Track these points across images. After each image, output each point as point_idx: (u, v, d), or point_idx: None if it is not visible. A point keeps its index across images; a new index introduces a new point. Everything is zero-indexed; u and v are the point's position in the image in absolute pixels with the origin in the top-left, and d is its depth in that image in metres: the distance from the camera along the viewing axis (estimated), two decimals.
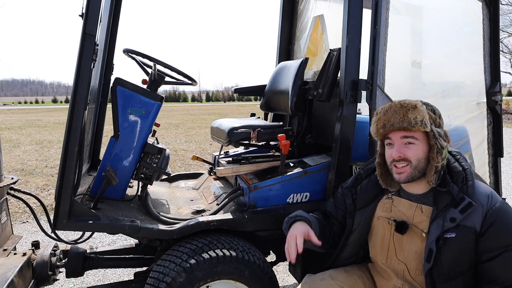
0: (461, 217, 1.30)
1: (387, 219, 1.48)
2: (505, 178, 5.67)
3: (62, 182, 1.62)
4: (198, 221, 1.76)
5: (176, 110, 27.05)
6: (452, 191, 1.33)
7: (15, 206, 4.37)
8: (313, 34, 2.63)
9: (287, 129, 2.22)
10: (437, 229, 1.33)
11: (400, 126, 1.36)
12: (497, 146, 2.47)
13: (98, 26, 1.64)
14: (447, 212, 1.32)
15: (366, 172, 1.59)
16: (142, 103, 1.95)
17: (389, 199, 1.51)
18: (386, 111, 1.40)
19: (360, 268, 1.62)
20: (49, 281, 1.92)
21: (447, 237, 1.31)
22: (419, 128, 1.34)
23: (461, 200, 1.31)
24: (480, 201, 1.32)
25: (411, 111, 1.35)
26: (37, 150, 8.13)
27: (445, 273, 1.33)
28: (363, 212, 1.55)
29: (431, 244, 1.33)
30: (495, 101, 2.40)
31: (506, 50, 22.91)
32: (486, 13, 2.39)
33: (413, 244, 1.41)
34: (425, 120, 1.34)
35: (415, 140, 1.37)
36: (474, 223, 1.30)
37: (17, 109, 32.40)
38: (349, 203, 1.58)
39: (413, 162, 1.37)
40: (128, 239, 3.46)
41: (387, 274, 1.52)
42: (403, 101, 1.39)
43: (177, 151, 8.05)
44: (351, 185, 1.61)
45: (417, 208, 1.43)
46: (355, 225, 1.55)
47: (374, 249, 1.54)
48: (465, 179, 1.35)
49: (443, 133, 1.39)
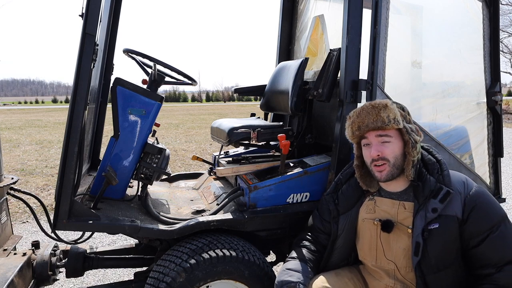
0: (441, 206, 1.34)
1: (372, 220, 1.49)
2: (505, 178, 5.68)
3: (62, 182, 1.62)
4: (198, 221, 1.76)
5: (176, 110, 27.06)
6: (430, 182, 1.38)
7: (15, 206, 4.37)
8: (313, 34, 2.63)
9: (287, 129, 2.22)
10: (421, 221, 1.36)
11: (374, 126, 1.40)
12: (497, 146, 2.47)
13: (98, 26, 1.64)
14: (428, 203, 1.36)
15: (345, 177, 1.62)
16: (142, 103, 1.95)
17: (372, 201, 1.52)
18: (359, 113, 1.45)
19: (351, 270, 1.63)
20: (49, 281, 1.92)
21: (431, 229, 1.34)
22: (392, 126, 1.39)
23: (439, 190, 1.35)
24: (457, 188, 1.36)
25: (383, 110, 1.40)
26: (37, 150, 8.13)
27: (433, 264, 1.35)
28: (346, 216, 1.57)
29: (417, 237, 1.35)
30: (495, 101, 2.40)
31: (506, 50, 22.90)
32: (486, 13, 2.39)
33: (400, 242, 1.43)
34: (397, 117, 1.39)
35: (390, 138, 1.41)
36: (455, 211, 1.34)
37: (17, 109, 32.40)
38: (332, 208, 1.60)
39: (391, 160, 1.41)
40: (128, 239, 3.46)
41: (378, 275, 1.53)
42: (373, 102, 1.44)
43: (177, 151, 8.05)
44: (332, 191, 1.64)
45: (399, 205, 1.45)
46: (340, 230, 1.57)
47: (363, 252, 1.55)
48: (440, 169, 1.41)
49: (414, 128, 1.44)
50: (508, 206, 4.46)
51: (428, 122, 2.20)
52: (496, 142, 2.47)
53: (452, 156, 2.21)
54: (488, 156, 2.48)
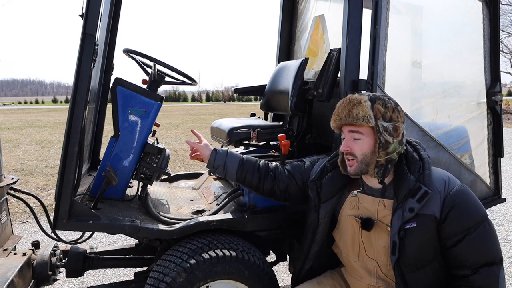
0: (418, 206, 1.32)
1: (355, 216, 1.48)
2: (505, 178, 5.68)
3: (62, 182, 1.62)
4: (198, 221, 1.76)
5: (176, 110, 27.06)
6: (409, 181, 1.35)
7: (15, 206, 4.37)
8: (314, 34, 2.63)
9: (287, 129, 2.22)
10: (398, 220, 1.34)
11: (345, 121, 1.40)
12: (497, 146, 2.47)
13: (98, 26, 1.64)
14: (405, 202, 1.34)
15: (332, 165, 1.59)
16: (142, 103, 1.95)
17: (355, 197, 1.51)
18: (339, 105, 1.44)
19: (333, 276, 1.63)
20: (49, 281, 1.92)
21: (408, 228, 1.33)
22: (361, 124, 1.36)
23: (418, 190, 1.33)
24: (437, 188, 1.34)
25: (355, 106, 1.38)
26: (37, 150, 8.13)
27: (411, 263, 1.34)
28: (327, 204, 1.54)
29: (394, 236, 1.34)
30: (495, 101, 2.40)
31: (506, 50, 22.91)
32: (486, 13, 2.39)
33: (381, 239, 1.42)
34: (368, 115, 1.36)
35: (360, 135, 1.39)
36: (433, 210, 1.32)
37: (17, 109, 32.40)
38: (314, 196, 1.57)
39: (359, 157, 1.40)
40: (128, 239, 3.46)
41: (359, 274, 1.52)
42: (351, 96, 1.41)
43: (177, 151, 8.06)
44: (316, 178, 1.59)
45: (379, 202, 1.44)
46: (321, 218, 1.55)
47: (346, 248, 1.54)
48: (422, 168, 1.37)
49: (390, 128, 1.37)
50: (508, 206, 4.46)
51: (428, 122, 2.19)
52: (496, 142, 2.47)
53: (452, 156, 2.21)
54: (488, 156, 2.48)
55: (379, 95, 1.43)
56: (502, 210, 4.36)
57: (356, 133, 1.39)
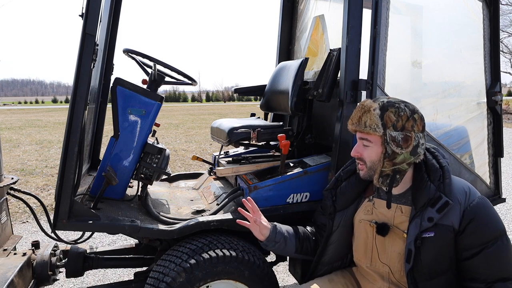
0: (438, 216, 1.29)
1: (369, 221, 1.47)
2: (505, 178, 5.68)
3: (62, 182, 1.62)
4: (198, 221, 1.76)
5: (176, 110, 27.05)
6: (429, 190, 1.33)
7: (15, 206, 4.37)
8: (314, 34, 2.63)
9: (287, 129, 2.22)
10: (415, 229, 1.32)
11: (356, 127, 1.39)
12: (497, 146, 2.47)
13: (98, 26, 1.64)
14: (424, 211, 1.32)
15: (346, 174, 1.59)
16: (142, 103, 1.95)
17: (371, 202, 1.50)
18: (355, 109, 1.43)
19: (344, 275, 1.62)
20: (49, 281, 1.92)
21: (425, 237, 1.30)
22: (369, 132, 1.34)
23: (438, 199, 1.30)
24: (458, 198, 1.31)
25: (365, 114, 1.36)
26: (37, 150, 8.13)
27: (426, 272, 1.32)
28: (342, 213, 1.55)
29: (410, 244, 1.32)
30: (495, 101, 2.40)
31: (506, 50, 22.91)
32: (486, 13, 2.40)
33: (396, 246, 1.40)
34: (375, 124, 1.33)
35: (369, 143, 1.37)
36: (452, 221, 1.30)
37: (17, 109, 32.39)
38: (330, 204, 1.57)
39: (368, 163, 1.39)
40: (128, 239, 3.46)
41: (372, 277, 1.51)
42: (364, 102, 1.39)
43: (177, 151, 8.05)
44: (331, 187, 1.60)
45: (397, 208, 1.42)
46: (335, 226, 1.55)
47: (358, 253, 1.54)
48: (442, 177, 1.34)
49: (400, 138, 1.32)
50: (508, 206, 4.46)
51: (429, 122, 2.19)
52: (496, 142, 2.47)
53: (452, 156, 2.21)
54: (488, 156, 2.48)
55: (395, 101, 1.36)
56: (502, 210, 4.36)
57: (365, 140, 1.38)
